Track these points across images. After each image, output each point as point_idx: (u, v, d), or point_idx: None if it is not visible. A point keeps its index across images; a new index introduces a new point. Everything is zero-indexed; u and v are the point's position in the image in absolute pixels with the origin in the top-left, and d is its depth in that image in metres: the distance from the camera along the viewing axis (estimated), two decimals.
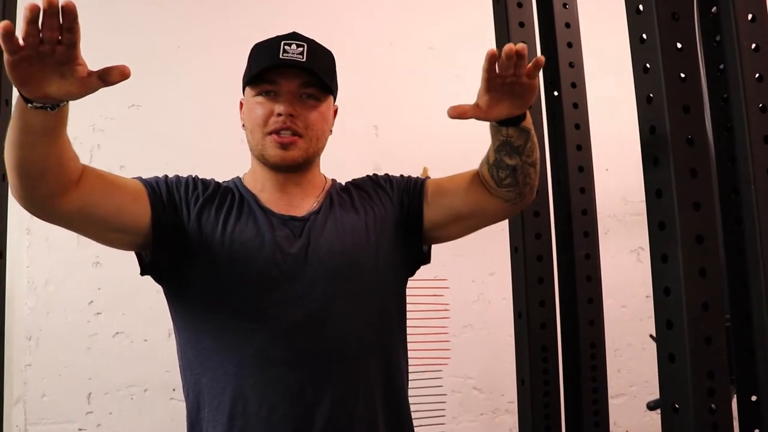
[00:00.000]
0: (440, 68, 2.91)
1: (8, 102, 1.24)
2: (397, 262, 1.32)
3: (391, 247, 1.31)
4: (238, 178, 1.35)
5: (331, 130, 1.33)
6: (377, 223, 1.31)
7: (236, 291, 1.21)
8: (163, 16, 2.73)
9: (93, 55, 3.08)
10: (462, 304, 2.70)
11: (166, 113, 2.66)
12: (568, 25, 1.57)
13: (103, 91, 3.08)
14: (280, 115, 1.23)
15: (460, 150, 2.79)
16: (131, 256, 1.23)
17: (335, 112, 1.35)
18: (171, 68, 2.69)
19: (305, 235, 1.25)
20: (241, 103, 1.33)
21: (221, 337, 1.22)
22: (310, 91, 1.25)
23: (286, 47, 1.23)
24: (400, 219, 1.33)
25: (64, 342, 2.52)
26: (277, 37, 1.27)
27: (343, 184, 1.40)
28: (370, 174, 1.41)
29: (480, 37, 2.16)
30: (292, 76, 1.23)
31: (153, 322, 2.55)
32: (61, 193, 1.06)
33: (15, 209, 1.31)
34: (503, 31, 1.58)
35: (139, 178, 1.24)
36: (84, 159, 1.11)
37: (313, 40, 1.28)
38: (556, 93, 1.58)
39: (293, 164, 1.26)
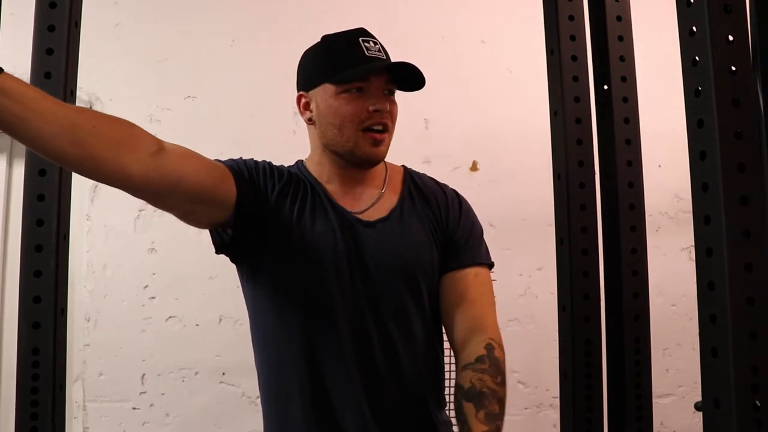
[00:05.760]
0: (492, 62, 2.90)
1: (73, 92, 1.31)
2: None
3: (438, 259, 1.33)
4: (301, 163, 1.36)
5: None
6: (435, 231, 1.33)
7: (304, 283, 1.24)
8: (218, 10, 2.79)
9: (152, 46, 3.15)
10: (509, 297, 2.70)
11: (220, 105, 2.73)
12: (619, 18, 1.55)
13: (161, 83, 3.17)
14: (376, 111, 1.23)
15: (510, 145, 2.80)
16: (185, 243, 1.25)
17: None
18: (226, 61, 2.75)
19: (374, 241, 1.27)
20: (300, 98, 1.31)
21: (283, 326, 1.26)
22: (392, 87, 1.27)
23: (366, 44, 1.24)
24: (443, 237, 1.34)
25: (120, 324, 2.62)
26: (350, 32, 1.27)
27: (420, 175, 1.40)
28: (449, 188, 1.41)
29: (531, 31, 2.15)
30: (380, 73, 1.24)
31: (205, 308, 2.63)
32: (123, 171, 1.03)
33: (77, 196, 1.37)
34: (552, 24, 1.57)
35: (218, 160, 1.25)
36: None
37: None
38: (605, 87, 1.56)
39: (381, 160, 1.29)
